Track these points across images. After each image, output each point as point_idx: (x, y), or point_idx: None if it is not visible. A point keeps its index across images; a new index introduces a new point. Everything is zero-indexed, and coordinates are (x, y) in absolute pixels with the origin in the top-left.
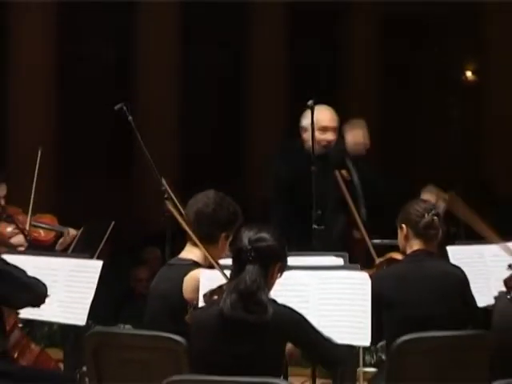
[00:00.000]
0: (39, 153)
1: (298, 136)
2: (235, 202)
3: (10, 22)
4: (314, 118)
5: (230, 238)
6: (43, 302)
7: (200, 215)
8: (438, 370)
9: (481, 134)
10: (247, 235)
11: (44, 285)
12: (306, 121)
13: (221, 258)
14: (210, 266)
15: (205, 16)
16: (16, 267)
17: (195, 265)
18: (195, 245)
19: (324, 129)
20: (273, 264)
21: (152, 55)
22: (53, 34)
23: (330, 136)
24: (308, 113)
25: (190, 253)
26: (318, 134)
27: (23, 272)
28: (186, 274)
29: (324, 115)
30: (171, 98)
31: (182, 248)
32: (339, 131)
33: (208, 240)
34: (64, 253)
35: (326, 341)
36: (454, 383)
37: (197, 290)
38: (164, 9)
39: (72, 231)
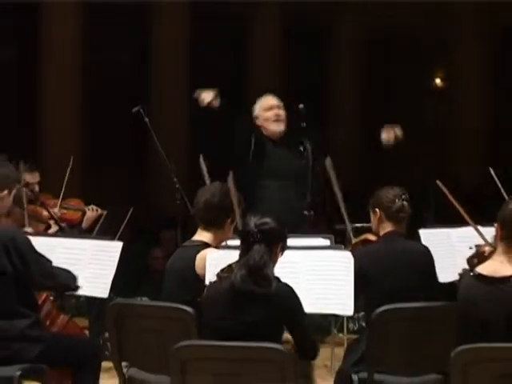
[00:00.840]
0: (71, 160)
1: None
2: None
3: (41, 25)
4: (259, 106)
5: (235, 223)
6: (67, 291)
7: (208, 204)
8: (411, 336)
9: (450, 135)
10: (253, 220)
11: (73, 278)
12: (255, 110)
13: (228, 239)
14: (218, 246)
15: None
16: (45, 258)
17: (205, 245)
18: (205, 229)
19: (270, 107)
20: (275, 244)
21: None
22: (78, 39)
23: (277, 110)
24: (256, 103)
25: (201, 235)
26: (268, 114)
27: (50, 263)
28: (197, 253)
29: (265, 98)
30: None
31: (193, 230)
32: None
33: (216, 225)
34: (89, 235)
35: (310, 332)
36: (424, 348)
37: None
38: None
39: (94, 207)
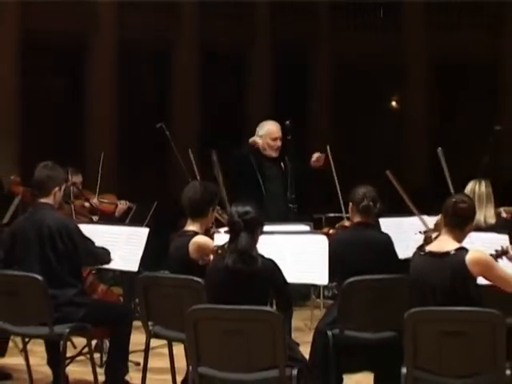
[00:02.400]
0: (102, 155)
1: None
2: None
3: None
4: (268, 132)
5: (215, 209)
6: (104, 264)
7: (192, 201)
8: (373, 302)
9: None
10: (236, 211)
11: (108, 254)
12: (263, 131)
13: (211, 224)
14: (205, 233)
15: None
16: (90, 241)
17: (195, 234)
18: (193, 220)
19: (275, 138)
20: (256, 229)
21: None
22: (114, 72)
23: (278, 142)
24: (263, 124)
25: (190, 226)
26: (272, 143)
27: (93, 244)
28: (189, 241)
29: (274, 129)
30: None
31: None
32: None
33: (201, 215)
34: (123, 223)
35: (288, 287)
36: (384, 311)
37: (198, 250)
38: None
39: (124, 202)
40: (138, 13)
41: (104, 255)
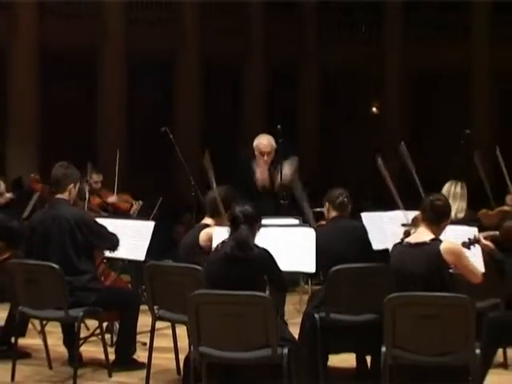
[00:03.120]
0: (117, 153)
1: None
2: None
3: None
4: (257, 144)
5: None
6: (116, 249)
7: (212, 203)
8: (356, 287)
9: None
10: (238, 208)
11: (118, 239)
12: (254, 143)
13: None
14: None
15: None
16: (103, 227)
17: (206, 226)
18: (210, 216)
19: (262, 153)
20: (254, 224)
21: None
22: (124, 84)
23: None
24: (257, 138)
25: (206, 220)
26: (259, 155)
27: (106, 229)
28: (200, 232)
29: (265, 143)
30: None
31: (203, 213)
32: None
33: (217, 215)
34: (131, 216)
35: (282, 274)
36: (366, 295)
37: (207, 240)
38: None
39: (139, 202)
40: (144, 29)
41: (117, 241)
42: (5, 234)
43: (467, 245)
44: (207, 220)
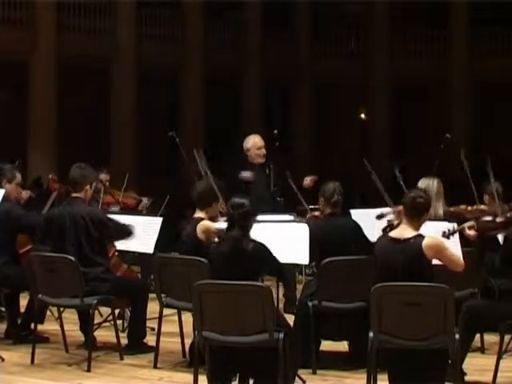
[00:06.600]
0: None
1: None
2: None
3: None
4: (253, 144)
5: (220, 201)
6: (132, 237)
7: (201, 195)
8: (346, 277)
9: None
10: (233, 204)
11: (131, 229)
12: (249, 144)
13: (217, 214)
14: (210, 219)
15: None
16: (116, 221)
17: (201, 219)
18: (201, 209)
19: (260, 147)
20: (249, 219)
21: None
22: (136, 94)
23: (263, 150)
24: (249, 138)
25: (198, 214)
26: (258, 152)
27: (119, 222)
28: (197, 224)
29: (258, 140)
30: None
31: None
32: None
33: (207, 206)
34: (141, 212)
35: (279, 263)
36: (354, 285)
37: (204, 232)
38: None
39: (146, 199)
40: (152, 44)
41: (130, 229)
42: (26, 228)
43: (447, 235)
44: (199, 213)
